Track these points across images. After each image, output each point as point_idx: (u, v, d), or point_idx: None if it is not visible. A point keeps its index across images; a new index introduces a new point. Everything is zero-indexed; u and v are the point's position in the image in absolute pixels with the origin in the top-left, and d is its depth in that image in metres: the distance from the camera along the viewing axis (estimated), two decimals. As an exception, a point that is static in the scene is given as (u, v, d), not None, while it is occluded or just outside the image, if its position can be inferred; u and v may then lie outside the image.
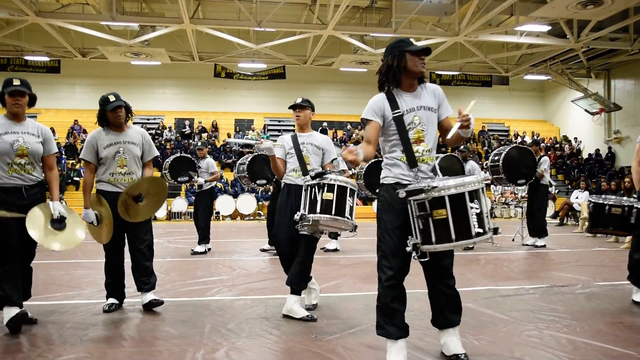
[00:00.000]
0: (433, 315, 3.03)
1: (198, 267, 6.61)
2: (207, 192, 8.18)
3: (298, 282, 3.95)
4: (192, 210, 16.93)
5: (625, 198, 4.51)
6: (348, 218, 3.71)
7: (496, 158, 8.19)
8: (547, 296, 4.73)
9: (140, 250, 4.19)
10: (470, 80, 22.63)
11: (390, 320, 2.82)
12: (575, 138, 24.91)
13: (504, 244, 9.34)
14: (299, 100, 4.29)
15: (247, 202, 17.90)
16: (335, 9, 15.15)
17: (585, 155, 23.95)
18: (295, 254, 4.02)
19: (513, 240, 9.73)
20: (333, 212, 3.66)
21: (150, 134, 21.84)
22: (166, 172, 8.41)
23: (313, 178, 3.75)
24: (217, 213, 17.38)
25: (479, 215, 2.64)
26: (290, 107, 4.32)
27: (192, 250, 7.95)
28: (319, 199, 3.68)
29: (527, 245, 8.95)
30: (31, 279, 3.91)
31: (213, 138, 22.49)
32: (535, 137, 23.82)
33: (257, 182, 8.17)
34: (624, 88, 22.34)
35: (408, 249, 2.71)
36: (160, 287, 4.81)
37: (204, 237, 7.97)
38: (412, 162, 2.86)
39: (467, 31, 16.27)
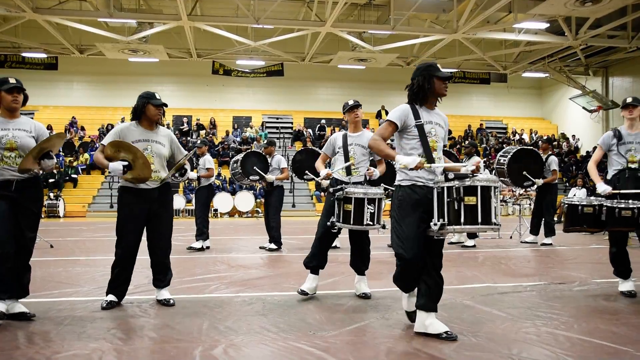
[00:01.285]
0: (424, 301, 3.35)
1: (196, 264, 6.61)
2: (204, 189, 8.20)
3: (362, 265, 4.61)
4: (190, 207, 16.99)
5: (592, 197, 4.84)
6: (369, 224, 4.19)
7: (502, 160, 8.08)
8: (545, 293, 4.75)
9: (161, 248, 4.28)
10: (469, 77, 22.65)
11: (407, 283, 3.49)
12: (573, 136, 24.95)
13: (501, 241, 9.36)
14: (351, 102, 4.70)
15: (245, 200, 17.90)
16: (333, 5, 15.12)
17: (583, 153, 23.99)
18: (331, 234, 4.48)
19: (511, 237, 9.76)
20: (351, 222, 4.18)
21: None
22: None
23: (332, 194, 4.33)
24: (215, 210, 17.36)
25: (496, 208, 3.21)
26: (349, 109, 4.66)
27: (189, 246, 7.96)
28: (340, 210, 4.24)
29: (525, 242, 8.97)
30: (29, 277, 3.90)
31: (211, 135, 22.46)
32: (547, 137, 23.71)
33: (250, 177, 8.22)
34: (622, 85, 22.37)
35: (435, 227, 3.19)
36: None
37: (200, 233, 7.98)
38: (430, 161, 3.34)
39: (465, 28, 16.26)
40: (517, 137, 24.53)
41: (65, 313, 3.96)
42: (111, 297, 4.18)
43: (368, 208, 4.19)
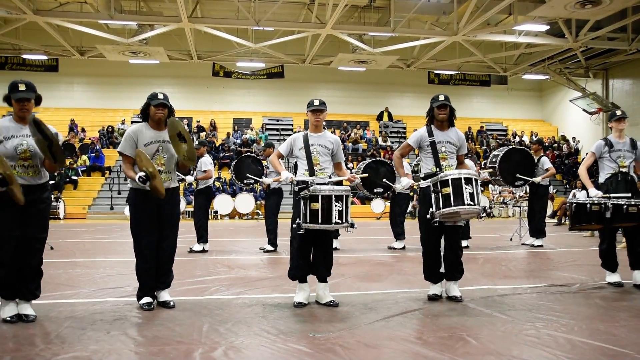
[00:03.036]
0: (445, 271, 4.52)
1: (196, 266, 6.60)
2: (202, 191, 8.15)
3: (326, 272, 4.42)
4: (189, 209, 16.98)
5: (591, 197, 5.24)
6: (338, 223, 4.08)
7: (494, 159, 8.16)
8: (545, 295, 4.75)
9: (166, 250, 4.25)
10: (469, 79, 22.63)
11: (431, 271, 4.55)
12: (574, 138, 24.94)
13: (502, 243, 9.35)
14: (317, 103, 4.45)
15: (246, 201, 17.88)
16: (333, 7, 15.12)
17: (583, 155, 23.98)
18: (309, 242, 4.35)
19: (511, 239, 9.75)
20: (320, 221, 4.05)
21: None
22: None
23: (297, 193, 4.19)
24: (216, 212, 17.35)
25: (472, 194, 4.14)
26: (313, 110, 4.44)
27: (190, 248, 7.95)
28: (307, 210, 4.08)
29: (525, 244, 8.96)
30: (39, 282, 3.95)
31: (211, 137, 22.46)
32: (537, 137, 23.77)
33: (245, 181, 8.24)
34: (622, 88, 22.37)
35: (428, 216, 4.26)
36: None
37: (200, 236, 7.96)
38: (440, 169, 4.40)
39: (466, 30, 16.26)
40: (518, 139, 24.52)
41: (66, 315, 3.97)
42: (148, 300, 4.18)
43: (336, 205, 4.03)
